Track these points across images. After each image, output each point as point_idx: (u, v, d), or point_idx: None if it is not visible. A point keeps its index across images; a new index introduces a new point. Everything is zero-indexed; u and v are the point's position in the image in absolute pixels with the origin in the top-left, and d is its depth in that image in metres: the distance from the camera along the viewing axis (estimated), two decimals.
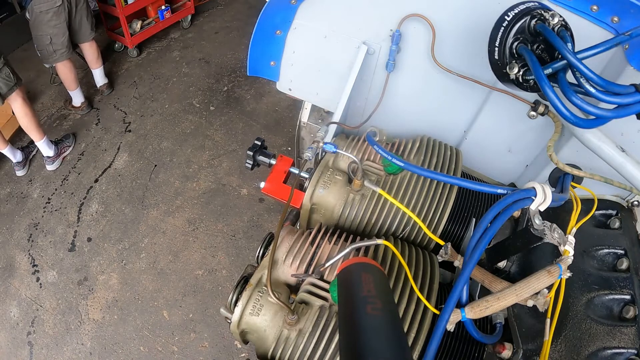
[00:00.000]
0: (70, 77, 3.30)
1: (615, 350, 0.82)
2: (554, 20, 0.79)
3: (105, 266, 2.65)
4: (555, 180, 1.11)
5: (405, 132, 1.42)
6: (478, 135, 1.38)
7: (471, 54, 1.17)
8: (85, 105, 3.57)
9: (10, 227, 2.84)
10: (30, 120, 2.86)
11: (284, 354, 0.88)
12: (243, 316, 0.92)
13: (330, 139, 1.28)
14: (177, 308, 2.50)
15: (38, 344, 2.36)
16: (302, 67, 1.36)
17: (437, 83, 1.29)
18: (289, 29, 1.28)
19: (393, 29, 1.20)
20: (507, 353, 0.91)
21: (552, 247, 0.92)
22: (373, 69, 1.32)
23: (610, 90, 0.72)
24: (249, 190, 3.05)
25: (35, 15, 2.88)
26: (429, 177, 0.98)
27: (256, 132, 3.46)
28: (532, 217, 0.83)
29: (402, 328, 0.67)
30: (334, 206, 1.13)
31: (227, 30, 4.47)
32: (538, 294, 0.84)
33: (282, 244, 1.03)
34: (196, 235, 2.80)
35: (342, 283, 0.76)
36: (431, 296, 0.92)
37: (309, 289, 0.94)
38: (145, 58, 4.13)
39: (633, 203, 1.13)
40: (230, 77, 3.93)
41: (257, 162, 1.25)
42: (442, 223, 1.09)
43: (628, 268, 0.94)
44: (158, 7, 4.06)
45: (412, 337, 0.84)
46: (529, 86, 0.84)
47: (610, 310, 0.89)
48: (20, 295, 2.53)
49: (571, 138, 1.08)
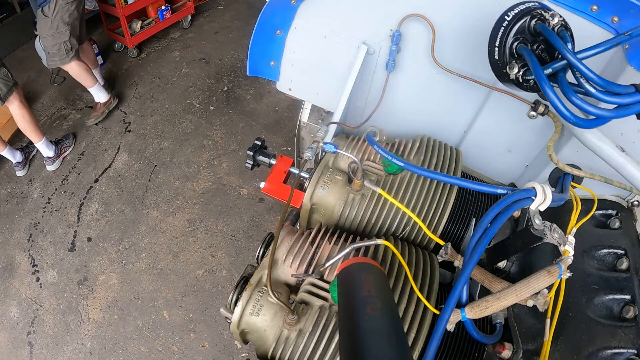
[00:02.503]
0: (86, 72, 3.18)
1: (615, 350, 0.82)
2: (554, 20, 0.79)
3: (105, 266, 2.65)
4: (555, 180, 1.11)
5: (405, 132, 1.42)
6: (478, 135, 1.38)
7: (471, 54, 1.17)
8: (113, 97, 3.45)
9: (10, 227, 2.84)
10: (28, 123, 2.85)
11: (284, 354, 0.89)
12: (243, 316, 0.92)
13: (330, 139, 1.28)
14: (177, 308, 2.50)
15: (38, 344, 2.36)
16: (302, 67, 1.36)
17: (437, 83, 1.29)
18: (289, 29, 1.28)
19: (393, 29, 1.20)
20: (507, 353, 0.91)
21: (552, 247, 0.92)
22: (373, 69, 1.32)
23: (610, 90, 0.72)
24: (249, 190, 3.05)
25: (59, 7, 2.77)
26: (429, 177, 0.98)
27: (256, 132, 3.46)
28: (532, 217, 0.83)
29: (402, 328, 0.67)
30: (334, 206, 1.13)
31: (227, 30, 4.47)
32: (538, 294, 0.84)
33: (282, 244, 1.03)
34: (196, 235, 2.80)
35: (342, 283, 0.76)
36: (431, 296, 0.92)
37: (309, 289, 0.94)
38: (145, 58, 4.13)
39: (633, 203, 1.13)
40: (230, 77, 3.93)
41: (257, 162, 1.25)
42: (442, 223, 1.09)
43: (628, 268, 0.94)
44: (158, 7, 4.06)
45: (412, 337, 0.84)
46: (529, 86, 0.84)
47: (610, 310, 0.89)
48: (20, 295, 2.53)
49: (571, 138, 1.08)
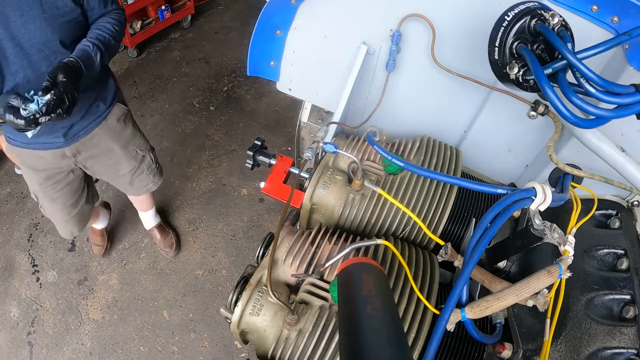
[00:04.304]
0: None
1: (615, 350, 0.82)
2: (554, 20, 0.79)
3: (105, 266, 2.65)
4: (555, 180, 1.11)
5: (405, 132, 1.42)
6: (478, 135, 1.38)
7: (471, 54, 1.17)
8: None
9: (10, 227, 2.84)
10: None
11: (284, 354, 0.89)
12: (243, 316, 0.92)
13: (330, 139, 1.28)
14: (177, 308, 2.50)
15: (38, 344, 2.36)
16: (302, 67, 1.36)
17: (437, 83, 1.29)
18: (289, 29, 1.28)
19: (393, 29, 1.20)
20: (507, 353, 0.91)
21: (552, 247, 0.92)
22: (373, 69, 1.32)
23: (610, 90, 0.72)
24: (249, 190, 3.05)
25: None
26: (429, 177, 0.98)
27: (256, 132, 3.46)
28: (532, 217, 0.83)
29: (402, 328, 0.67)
30: (334, 206, 1.13)
31: (227, 30, 4.47)
32: (538, 294, 0.84)
33: (282, 244, 1.03)
34: (196, 235, 2.80)
35: (342, 283, 0.76)
36: (431, 296, 0.92)
37: (309, 289, 0.94)
38: (145, 58, 4.13)
39: (633, 203, 1.13)
40: (230, 77, 3.93)
41: (257, 162, 1.25)
42: (442, 223, 1.10)
43: (628, 268, 0.94)
44: (158, 7, 4.06)
45: (412, 337, 0.84)
46: (529, 86, 0.84)
47: (610, 310, 0.89)
48: (20, 295, 2.53)
49: (571, 138, 1.08)
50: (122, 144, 1.84)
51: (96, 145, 1.75)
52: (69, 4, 1.36)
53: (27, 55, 1.34)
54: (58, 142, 1.61)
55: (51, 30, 1.34)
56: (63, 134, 1.60)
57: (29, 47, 1.33)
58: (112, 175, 1.98)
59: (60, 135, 1.59)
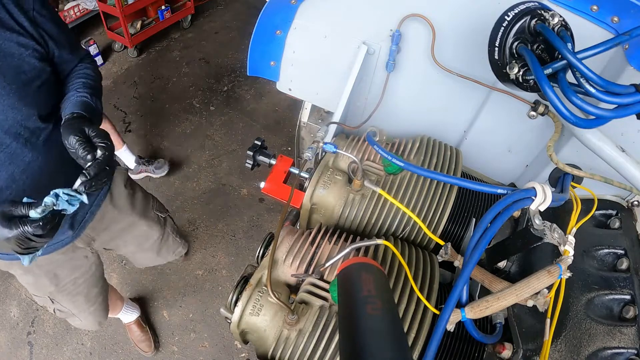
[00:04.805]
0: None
1: (615, 350, 0.82)
2: (554, 20, 0.79)
3: (105, 266, 2.64)
4: (555, 180, 1.11)
5: (405, 132, 1.42)
6: (478, 135, 1.38)
7: (471, 54, 1.17)
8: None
9: None
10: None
11: (284, 354, 0.89)
12: (243, 316, 0.92)
13: (330, 139, 1.28)
14: (177, 308, 2.50)
15: (38, 344, 2.36)
16: (302, 67, 1.36)
17: (437, 83, 1.29)
18: (289, 29, 1.28)
19: (393, 29, 1.20)
20: (507, 353, 0.91)
21: (552, 247, 0.92)
22: (373, 69, 1.32)
23: (610, 90, 0.72)
24: (249, 190, 3.05)
25: None
26: (429, 177, 0.98)
27: (256, 132, 3.46)
28: (532, 217, 0.83)
29: (402, 328, 0.67)
30: (334, 206, 1.13)
31: (227, 30, 4.47)
32: (538, 294, 0.84)
33: (282, 244, 1.03)
34: (196, 235, 2.80)
35: (342, 283, 0.76)
36: (431, 296, 0.92)
37: (309, 289, 0.94)
38: (145, 58, 4.13)
39: (633, 203, 1.13)
40: (230, 77, 3.93)
41: (257, 162, 1.25)
42: (442, 223, 1.09)
43: (628, 268, 0.94)
44: (158, 7, 4.06)
45: (412, 337, 0.84)
46: (529, 86, 0.84)
47: (610, 310, 0.89)
48: (20, 295, 2.52)
49: (571, 138, 1.08)
50: (140, 211, 1.55)
51: (110, 225, 1.47)
52: (37, 64, 1.04)
53: (3, 147, 1.01)
54: (65, 237, 1.30)
55: (24, 103, 1.01)
56: (69, 226, 1.28)
57: (3, 136, 1.00)
58: (136, 249, 1.69)
59: (66, 229, 1.28)
